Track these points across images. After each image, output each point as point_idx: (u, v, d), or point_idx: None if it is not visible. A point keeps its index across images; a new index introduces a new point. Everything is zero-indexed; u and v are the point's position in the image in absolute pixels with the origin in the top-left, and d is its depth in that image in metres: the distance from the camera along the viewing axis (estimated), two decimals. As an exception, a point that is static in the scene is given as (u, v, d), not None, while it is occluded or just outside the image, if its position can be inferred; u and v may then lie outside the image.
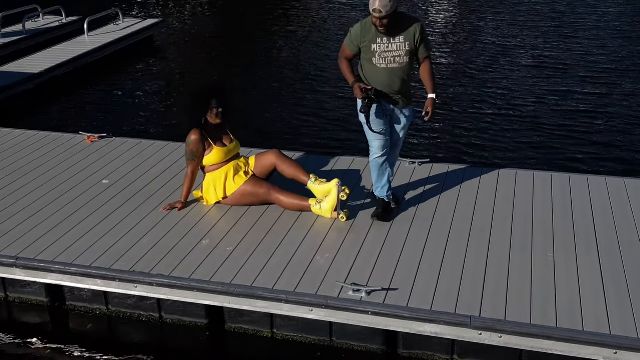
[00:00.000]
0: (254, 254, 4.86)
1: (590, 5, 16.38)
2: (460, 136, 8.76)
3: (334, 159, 6.47)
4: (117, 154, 6.67)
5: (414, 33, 4.83)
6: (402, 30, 4.82)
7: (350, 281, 4.47)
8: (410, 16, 4.99)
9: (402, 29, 4.82)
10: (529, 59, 12.20)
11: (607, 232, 5.06)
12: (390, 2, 4.61)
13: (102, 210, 5.54)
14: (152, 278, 4.61)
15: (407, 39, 4.84)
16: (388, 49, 4.85)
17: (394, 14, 4.68)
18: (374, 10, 4.64)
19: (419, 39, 4.85)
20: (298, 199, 5.36)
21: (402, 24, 4.82)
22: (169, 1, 18.55)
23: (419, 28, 4.85)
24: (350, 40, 4.95)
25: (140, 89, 11.11)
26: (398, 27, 4.80)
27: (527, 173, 6.09)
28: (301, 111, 9.87)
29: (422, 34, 4.87)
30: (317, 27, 15.39)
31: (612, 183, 5.85)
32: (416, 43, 4.86)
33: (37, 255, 4.87)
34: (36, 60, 11.12)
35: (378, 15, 4.65)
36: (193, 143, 5.36)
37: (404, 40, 4.83)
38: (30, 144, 6.97)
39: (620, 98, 10.08)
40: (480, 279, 4.50)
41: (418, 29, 4.84)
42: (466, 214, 5.37)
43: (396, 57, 4.87)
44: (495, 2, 17.21)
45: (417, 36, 4.84)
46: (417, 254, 4.82)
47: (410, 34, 4.83)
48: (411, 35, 4.83)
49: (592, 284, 4.43)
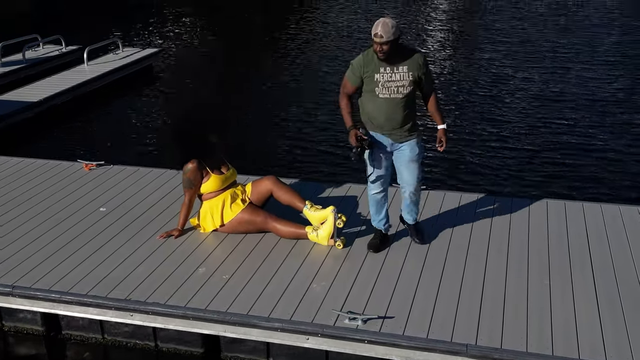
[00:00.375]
0: (250, 282, 4.87)
1: (586, 37, 16.54)
2: (456, 164, 8.80)
3: (330, 186, 6.50)
4: (115, 182, 6.70)
5: (418, 62, 4.80)
6: (404, 59, 4.78)
7: (346, 309, 4.47)
8: (412, 47, 4.97)
9: (405, 58, 4.78)
10: (524, 89, 12.29)
11: (603, 259, 5.07)
12: (392, 28, 4.60)
13: (98, 238, 5.55)
14: (148, 306, 4.61)
15: (410, 68, 4.79)
16: (391, 78, 4.79)
17: (396, 41, 4.66)
18: (375, 34, 4.61)
19: (424, 69, 4.82)
20: (294, 227, 5.38)
21: (404, 53, 4.79)
22: (167, 30, 18.73)
23: (422, 58, 4.83)
24: (352, 72, 4.88)
25: (139, 117, 11.18)
26: (400, 56, 4.77)
27: (522, 200, 6.12)
28: (298, 137, 9.93)
29: (426, 64, 4.86)
30: (316, 54, 15.53)
31: (608, 210, 5.87)
32: (420, 73, 4.81)
33: (34, 283, 4.87)
34: (35, 89, 11.20)
35: (379, 41, 4.61)
36: (191, 171, 5.40)
37: (408, 70, 4.78)
38: (28, 171, 6.99)
39: (614, 128, 10.15)
40: (476, 307, 4.50)
41: (421, 59, 4.82)
42: (462, 241, 5.39)
43: (399, 87, 4.80)
44: (491, 34, 17.39)
45: (421, 66, 4.80)
46: (413, 281, 4.82)
47: (414, 63, 4.79)
48: (415, 64, 4.79)
49: (587, 311, 4.43)
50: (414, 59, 4.80)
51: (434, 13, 20.35)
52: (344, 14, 20.20)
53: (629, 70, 13.50)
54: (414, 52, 4.84)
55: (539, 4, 20.96)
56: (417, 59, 4.81)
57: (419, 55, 4.84)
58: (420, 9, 20.90)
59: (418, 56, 4.83)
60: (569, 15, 19.21)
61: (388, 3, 21.98)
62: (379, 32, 4.60)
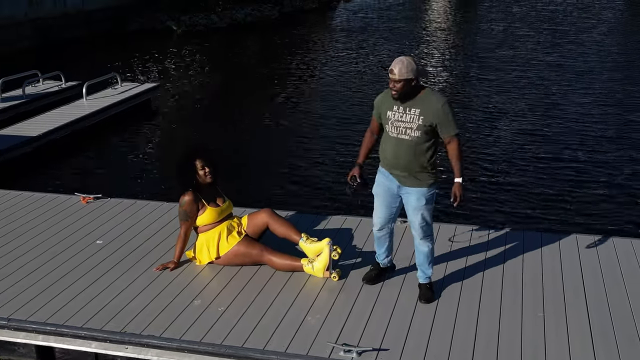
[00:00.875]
0: (245, 315, 4.87)
1: (578, 73, 16.74)
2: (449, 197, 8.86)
3: (326, 218, 6.54)
4: (112, 215, 6.73)
5: (433, 108, 4.60)
6: (421, 103, 4.64)
7: (341, 341, 4.48)
8: (436, 93, 4.75)
9: (422, 101, 4.64)
10: (516, 124, 12.44)
11: (597, 293, 5.09)
12: (408, 67, 4.53)
13: (94, 270, 5.56)
14: (143, 339, 4.61)
15: (423, 112, 4.62)
16: (402, 118, 4.69)
17: (410, 81, 4.57)
18: (390, 71, 4.58)
19: (440, 116, 4.61)
20: (290, 260, 5.40)
21: (423, 97, 4.65)
22: (165, 65, 18.95)
23: (440, 104, 4.61)
24: (374, 107, 4.91)
25: (136, 151, 11.27)
26: (417, 98, 4.65)
27: (516, 234, 6.16)
28: (294, 169, 10.03)
29: (444, 113, 4.60)
30: (313, 88, 15.71)
31: (602, 243, 5.91)
32: (434, 119, 4.61)
33: (29, 316, 4.87)
34: (34, 124, 11.29)
35: (392, 77, 4.57)
36: (187, 204, 5.44)
37: (420, 114, 4.62)
38: (26, 205, 7.03)
39: (608, 163, 10.25)
40: (470, 340, 4.50)
41: (439, 104, 4.60)
42: (456, 274, 5.41)
43: (407, 128, 4.67)
44: (483, 69, 17.61)
45: (436, 112, 4.60)
46: (408, 314, 4.83)
47: (429, 108, 4.61)
48: (429, 109, 4.60)
49: (582, 344, 4.44)
50: (429, 103, 4.62)
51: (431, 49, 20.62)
52: (344, 47, 20.48)
53: (625, 108, 13.65)
54: (432, 96, 4.67)
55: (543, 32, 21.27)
56: (433, 104, 4.61)
57: (437, 100, 4.63)
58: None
59: (436, 101, 4.63)
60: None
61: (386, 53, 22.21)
62: (392, 67, 4.58)
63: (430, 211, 4.89)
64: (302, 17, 27.72)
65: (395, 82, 4.59)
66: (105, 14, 23.52)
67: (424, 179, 4.78)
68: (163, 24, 24.60)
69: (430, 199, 4.84)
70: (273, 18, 27.20)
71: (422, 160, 4.74)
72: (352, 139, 11.19)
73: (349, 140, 11.32)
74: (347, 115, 13.27)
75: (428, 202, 4.83)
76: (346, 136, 11.67)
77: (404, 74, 4.55)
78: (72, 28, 22.02)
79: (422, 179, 4.78)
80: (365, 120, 12.30)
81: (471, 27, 24.84)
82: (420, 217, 4.85)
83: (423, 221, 4.87)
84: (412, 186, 4.81)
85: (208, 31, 24.37)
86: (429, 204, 4.84)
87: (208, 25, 24.99)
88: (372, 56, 19.35)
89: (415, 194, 4.81)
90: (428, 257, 5.01)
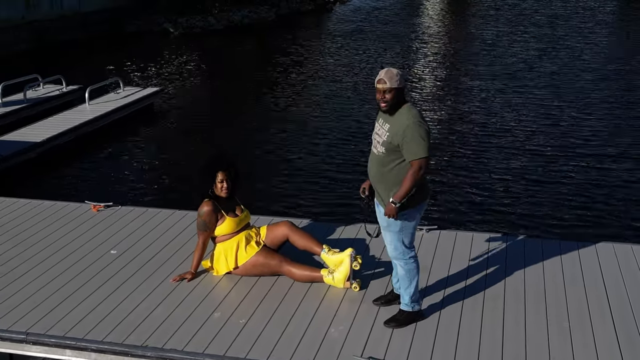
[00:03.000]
0: (267, 327, 4.81)
1: (577, 89, 16.64)
2: (467, 203, 8.83)
3: (343, 225, 6.47)
4: (124, 223, 6.65)
5: (400, 129, 4.32)
6: (394, 119, 4.40)
7: (367, 354, 4.42)
8: (411, 111, 4.40)
9: (395, 118, 4.40)
10: (522, 137, 12.41)
11: (620, 300, 5.06)
12: (397, 76, 4.35)
13: (111, 282, 5.48)
14: (166, 353, 4.54)
15: (391, 129, 4.38)
16: (378, 131, 4.52)
17: (400, 90, 4.37)
18: (378, 80, 4.38)
19: (402, 137, 4.31)
20: (309, 270, 5.34)
21: (399, 112, 4.39)
22: (164, 68, 18.86)
23: (406, 125, 4.31)
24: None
25: (142, 157, 11.19)
26: (394, 115, 4.41)
27: (535, 240, 6.12)
28: (310, 177, 9.95)
29: (408, 134, 4.29)
30: (320, 89, 15.64)
31: (620, 250, 5.88)
32: (399, 140, 4.33)
33: (47, 330, 4.79)
34: (37, 129, 11.21)
35: (381, 87, 4.36)
36: (206, 214, 5.37)
37: (389, 130, 4.39)
38: (36, 213, 6.94)
39: (609, 172, 10.26)
40: (498, 350, 4.46)
41: (405, 126, 4.31)
42: (478, 283, 5.36)
43: (378, 142, 4.49)
44: (479, 73, 17.61)
45: (400, 133, 4.32)
46: (432, 325, 4.78)
47: (397, 127, 4.35)
48: (397, 129, 4.34)
49: (608, 353, 4.40)
50: (399, 121, 4.36)
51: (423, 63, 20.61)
52: (341, 48, 20.43)
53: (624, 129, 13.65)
54: (405, 113, 4.38)
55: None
56: (402, 122, 4.33)
57: (406, 119, 4.33)
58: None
59: (405, 119, 4.33)
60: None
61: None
62: (382, 77, 4.37)
63: (398, 235, 4.55)
64: (298, 19, 27.68)
65: (385, 92, 4.36)
66: (102, 16, 23.40)
67: (392, 197, 4.46)
68: (160, 26, 24.51)
69: (394, 223, 4.49)
70: (270, 20, 27.15)
71: (388, 179, 4.46)
72: (355, 142, 11.15)
73: (352, 143, 11.27)
74: (349, 117, 13.22)
75: (390, 225, 4.53)
76: (348, 140, 11.62)
77: (394, 83, 4.33)
78: (69, 30, 21.89)
79: (389, 197, 4.47)
80: (364, 123, 12.29)
81: (465, 29, 24.87)
82: (388, 237, 4.63)
83: (390, 243, 4.63)
84: (380, 204, 4.63)
85: (205, 33, 24.31)
86: (392, 227, 4.53)
87: (205, 28, 24.91)
88: (370, 57, 19.31)
89: (382, 213, 4.57)
90: (404, 283, 4.70)
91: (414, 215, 4.54)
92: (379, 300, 5.08)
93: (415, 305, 4.77)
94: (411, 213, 4.52)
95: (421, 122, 4.36)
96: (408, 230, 4.58)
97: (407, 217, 4.52)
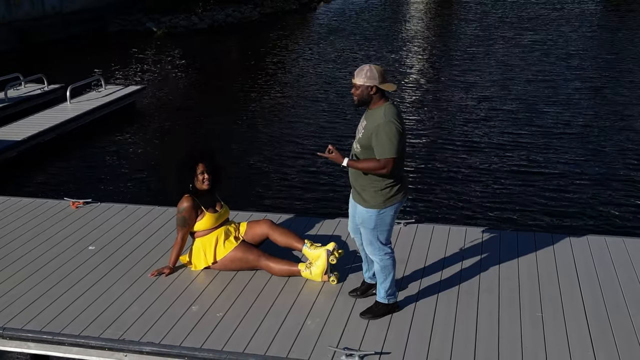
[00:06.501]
0: (244, 320, 4.84)
1: (553, 84, 16.90)
2: (444, 197, 8.90)
3: (322, 220, 6.51)
4: (103, 220, 6.65)
5: (373, 127, 4.39)
6: (371, 116, 4.47)
7: (342, 345, 4.46)
8: (388, 110, 4.43)
9: (372, 115, 4.47)
10: (500, 125, 12.55)
11: (592, 291, 5.13)
12: (367, 74, 4.39)
13: (89, 277, 5.49)
14: (142, 346, 4.56)
15: (367, 127, 4.45)
16: (358, 128, 4.60)
17: (366, 88, 4.40)
18: (353, 76, 4.51)
19: (374, 135, 4.38)
20: (287, 265, 5.37)
21: (376, 110, 4.45)
22: (147, 67, 18.81)
23: (378, 125, 4.36)
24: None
25: (123, 154, 11.17)
26: (373, 111, 4.47)
27: (510, 234, 6.19)
28: (288, 172, 9.99)
29: (378, 133, 4.35)
30: (303, 88, 15.67)
31: (594, 242, 5.96)
32: (371, 138, 4.40)
33: (25, 325, 4.79)
34: (18, 127, 11.16)
35: (353, 81, 4.47)
36: (185, 210, 5.39)
37: (364, 128, 4.48)
38: (14, 210, 6.92)
39: (600, 158, 10.39)
40: (471, 341, 4.52)
41: (377, 125, 4.37)
42: (453, 275, 5.42)
43: (357, 139, 4.57)
44: (464, 70, 17.72)
45: (373, 131, 4.39)
46: (408, 316, 4.83)
47: (372, 126, 4.41)
48: (371, 127, 4.41)
49: (580, 344, 4.47)
50: (374, 120, 4.41)
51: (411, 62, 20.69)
52: (324, 47, 20.49)
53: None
54: (382, 112, 4.41)
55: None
56: (376, 122, 4.39)
57: (380, 117, 4.38)
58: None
59: (379, 118, 4.39)
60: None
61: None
62: (355, 73, 4.48)
63: (373, 232, 4.61)
64: (282, 18, 27.69)
65: (353, 87, 4.47)
66: (84, 16, 23.29)
67: (366, 198, 4.56)
68: (143, 25, 24.42)
69: (368, 220, 4.57)
70: (254, 19, 27.15)
71: (363, 177, 4.53)
72: (338, 138, 11.20)
73: (334, 139, 11.32)
74: (330, 112, 13.27)
75: (365, 222, 4.60)
76: (331, 136, 11.68)
77: (359, 80, 4.41)
78: (51, 30, 21.77)
79: (364, 198, 4.57)
80: (347, 121, 12.35)
81: (451, 27, 25.00)
82: (363, 233, 4.70)
83: (366, 239, 4.69)
84: (355, 201, 4.71)
85: (189, 32, 24.26)
86: (366, 224, 4.60)
87: (189, 27, 24.86)
88: (354, 55, 19.37)
89: (357, 209, 4.66)
90: (380, 277, 4.75)
91: (389, 214, 4.61)
92: (355, 292, 5.13)
93: (390, 298, 4.83)
94: (387, 211, 4.59)
95: (393, 121, 4.38)
96: (383, 228, 4.64)
97: (382, 216, 4.59)
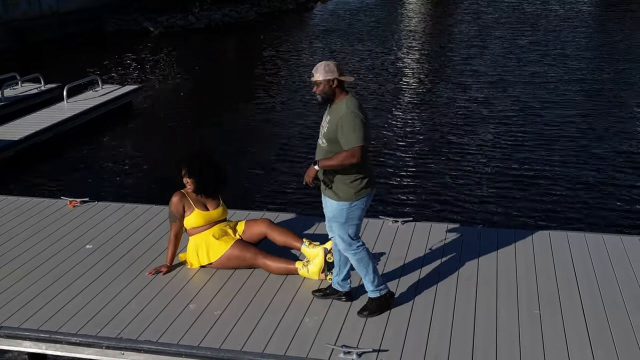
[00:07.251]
0: (241, 318, 4.84)
1: (543, 82, 16.90)
2: (442, 195, 8.90)
3: (319, 220, 6.49)
4: (100, 218, 6.64)
5: (337, 120, 4.46)
6: (334, 110, 4.54)
7: (340, 343, 4.46)
8: (350, 102, 4.50)
9: (335, 109, 4.53)
10: (505, 123, 12.55)
11: (590, 288, 5.14)
12: (325, 69, 4.46)
13: (86, 276, 5.48)
14: (140, 344, 4.56)
15: (331, 121, 4.52)
16: (322, 124, 4.65)
17: (327, 82, 4.47)
18: (311, 74, 4.58)
19: (340, 129, 4.44)
20: (285, 263, 5.37)
21: (338, 104, 4.52)
22: (144, 67, 18.78)
23: (341, 117, 4.43)
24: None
25: (120, 154, 11.15)
26: (335, 105, 4.54)
27: (508, 231, 6.20)
28: (286, 171, 9.98)
29: (344, 125, 4.41)
30: (299, 87, 15.66)
31: (592, 239, 5.97)
32: (336, 131, 4.46)
33: (22, 323, 4.79)
34: (15, 127, 11.13)
35: (312, 79, 4.55)
36: (173, 204, 5.45)
37: (328, 122, 4.54)
38: (12, 209, 6.91)
39: (597, 157, 10.40)
40: (469, 338, 4.52)
41: (339, 117, 4.44)
42: (451, 273, 5.42)
43: (322, 134, 4.61)
44: (459, 70, 17.72)
45: (338, 124, 4.45)
46: (406, 313, 4.83)
47: (335, 119, 4.48)
48: (335, 120, 4.48)
49: (578, 341, 4.48)
50: (337, 114, 4.48)
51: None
52: (332, 48, 20.48)
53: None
54: (344, 104, 4.49)
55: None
56: (339, 115, 4.46)
57: (342, 111, 4.45)
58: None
59: (341, 112, 4.46)
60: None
61: (364, 39, 22.23)
62: (313, 71, 4.54)
63: (343, 226, 4.63)
64: (279, 18, 27.66)
65: (316, 84, 4.51)
66: (81, 15, 23.23)
67: (336, 191, 4.59)
68: (140, 25, 24.39)
69: (339, 214, 4.60)
70: (250, 19, 27.11)
71: (331, 171, 4.57)
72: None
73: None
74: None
75: (336, 216, 4.63)
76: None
77: (319, 75, 4.47)
78: (48, 30, 21.72)
79: (334, 191, 4.60)
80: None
81: (446, 27, 25.03)
82: (334, 229, 4.71)
83: (337, 235, 4.71)
84: (325, 195, 4.71)
85: (186, 32, 24.22)
86: (337, 218, 4.63)
87: (185, 26, 24.81)
88: (350, 55, 19.38)
89: (328, 204, 4.68)
90: (361, 272, 4.75)
91: (359, 207, 4.64)
92: (318, 292, 5.09)
93: (381, 290, 4.82)
94: (357, 204, 4.61)
95: (356, 112, 4.44)
96: (353, 222, 4.67)
97: (353, 209, 4.61)
